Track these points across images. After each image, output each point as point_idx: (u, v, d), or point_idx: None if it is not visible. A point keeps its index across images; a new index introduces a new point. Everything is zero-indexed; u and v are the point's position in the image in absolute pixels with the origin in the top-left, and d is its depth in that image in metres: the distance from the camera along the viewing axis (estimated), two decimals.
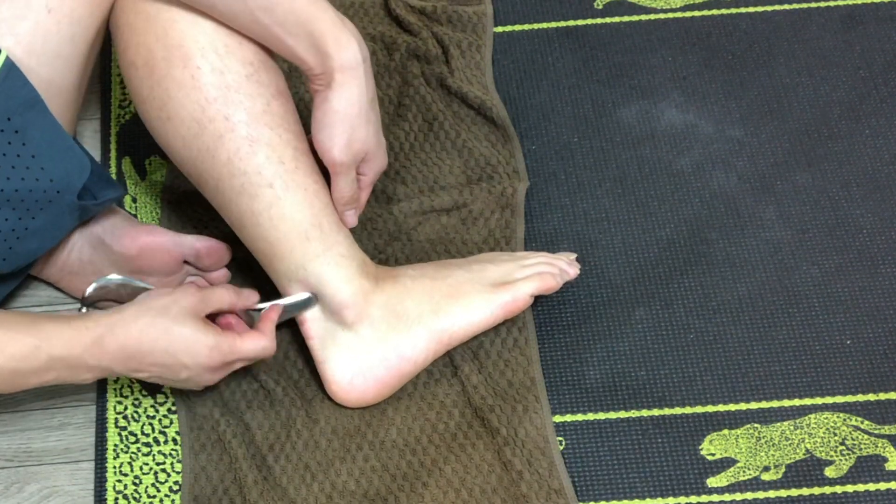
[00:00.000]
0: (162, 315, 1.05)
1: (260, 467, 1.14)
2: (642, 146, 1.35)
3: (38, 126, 1.05)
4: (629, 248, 1.28)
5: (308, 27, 1.04)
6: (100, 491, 1.15)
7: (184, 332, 1.05)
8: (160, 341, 1.05)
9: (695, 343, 1.22)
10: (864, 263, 1.26)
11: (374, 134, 1.10)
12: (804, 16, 1.45)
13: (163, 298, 1.06)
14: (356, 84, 1.06)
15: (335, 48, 1.04)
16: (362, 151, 1.09)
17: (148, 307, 1.05)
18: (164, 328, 1.05)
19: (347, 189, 1.11)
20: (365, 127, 1.08)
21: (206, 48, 1.07)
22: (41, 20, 1.05)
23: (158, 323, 1.05)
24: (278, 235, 1.11)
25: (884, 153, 1.34)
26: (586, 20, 1.45)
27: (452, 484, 1.13)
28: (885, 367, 1.20)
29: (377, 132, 1.10)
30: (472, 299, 1.16)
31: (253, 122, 1.08)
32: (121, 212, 1.22)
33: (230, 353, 1.08)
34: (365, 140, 1.09)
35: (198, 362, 1.07)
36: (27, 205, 1.05)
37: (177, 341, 1.05)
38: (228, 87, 1.07)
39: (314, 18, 1.04)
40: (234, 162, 1.08)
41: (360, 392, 1.15)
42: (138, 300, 1.07)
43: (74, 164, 1.07)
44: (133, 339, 1.04)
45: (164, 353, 1.05)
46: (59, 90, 1.08)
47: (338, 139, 1.07)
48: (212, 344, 1.07)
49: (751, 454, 1.15)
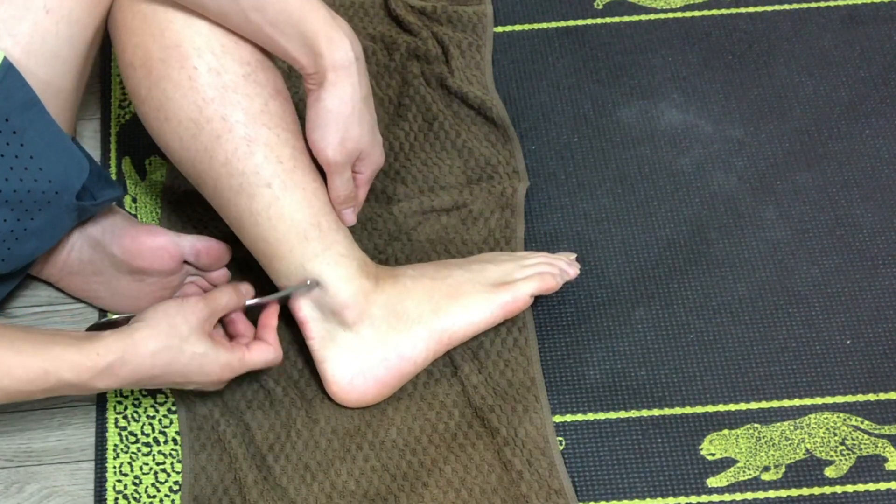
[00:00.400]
0: (172, 335, 1.04)
1: (260, 467, 1.14)
2: (642, 146, 1.35)
3: (37, 127, 1.05)
4: (629, 248, 1.28)
5: (300, 27, 1.04)
6: (100, 491, 1.15)
7: (196, 352, 1.05)
8: (173, 365, 1.05)
9: (695, 343, 1.22)
10: (864, 263, 1.26)
11: (368, 132, 1.09)
12: (804, 16, 1.45)
13: (173, 317, 1.05)
14: (349, 83, 1.06)
15: (327, 47, 1.04)
16: (357, 150, 1.09)
17: (158, 328, 1.04)
18: (177, 350, 1.04)
19: (343, 188, 1.11)
20: (359, 125, 1.08)
21: (202, 48, 1.07)
22: (39, 21, 1.05)
23: (171, 345, 1.04)
24: (277, 235, 1.11)
25: (884, 153, 1.34)
26: (586, 20, 1.45)
27: (452, 484, 1.13)
28: (885, 367, 1.20)
29: (372, 130, 1.10)
30: (472, 299, 1.16)
31: (251, 122, 1.08)
32: (120, 212, 1.22)
33: (240, 368, 1.09)
34: (359, 138, 1.09)
35: (209, 379, 1.08)
36: (25, 206, 1.05)
37: (191, 363, 1.05)
38: (226, 88, 1.07)
39: (306, 18, 1.04)
40: (233, 162, 1.08)
41: (360, 392, 1.15)
42: (147, 316, 1.05)
43: (73, 165, 1.07)
44: (145, 366, 1.03)
45: (177, 374, 1.06)
46: (58, 91, 1.08)
47: (331, 138, 1.07)
48: (223, 362, 1.07)
49: (751, 454, 1.15)
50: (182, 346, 1.05)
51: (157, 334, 1.04)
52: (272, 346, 1.12)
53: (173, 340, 1.04)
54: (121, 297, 1.22)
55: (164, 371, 1.04)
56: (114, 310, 1.24)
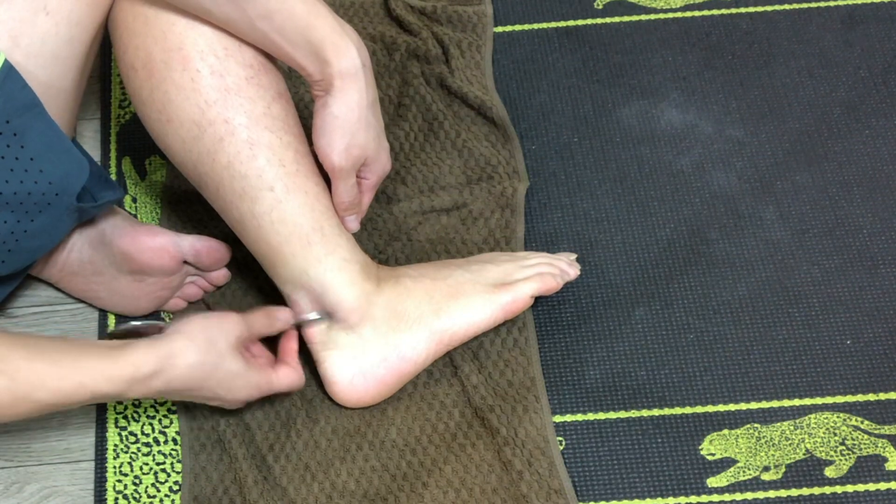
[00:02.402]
0: (209, 351, 1.04)
1: (260, 467, 1.14)
2: (642, 146, 1.35)
3: (37, 128, 1.04)
4: (629, 248, 1.28)
5: (307, 35, 1.04)
6: (100, 491, 1.15)
7: (231, 369, 1.05)
8: (208, 381, 1.05)
9: (695, 343, 1.22)
10: (864, 263, 1.26)
11: (374, 139, 1.09)
12: (804, 16, 1.45)
13: (211, 329, 1.05)
14: (355, 90, 1.06)
15: (334, 55, 1.04)
16: (362, 156, 1.09)
17: (196, 341, 1.03)
18: (213, 366, 1.04)
19: (347, 195, 1.11)
20: (365, 132, 1.08)
21: (205, 51, 1.07)
22: (40, 22, 1.05)
23: (208, 361, 1.04)
24: (279, 239, 1.10)
25: (884, 153, 1.34)
26: (586, 20, 1.45)
27: (452, 484, 1.13)
28: (885, 367, 1.20)
29: (378, 136, 1.10)
30: (472, 300, 1.16)
31: (253, 125, 1.08)
32: (121, 212, 1.22)
33: (267, 390, 1.10)
34: (364, 145, 1.08)
35: (235, 397, 1.08)
36: (26, 207, 1.05)
37: (223, 380, 1.05)
38: (228, 90, 1.07)
39: (313, 26, 1.04)
40: (235, 165, 1.08)
41: (361, 392, 1.15)
42: (185, 329, 1.04)
43: (73, 167, 1.07)
44: (181, 378, 1.03)
45: (207, 390, 1.06)
46: (58, 92, 1.08)
47: (337, 144, 1.07)
48: (253, 383, 1.08)
49: (751, 454, 1.15)
50: (218, 363, 1.04)
51: (196, 348, 1.03)
52: (296, 370, 1.13)
53: (210, 356, 1.04)
54: (121, 298, 1.22)
55: (197, 385, 1.04)
56: (114, 310, 1.24)
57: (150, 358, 1.01)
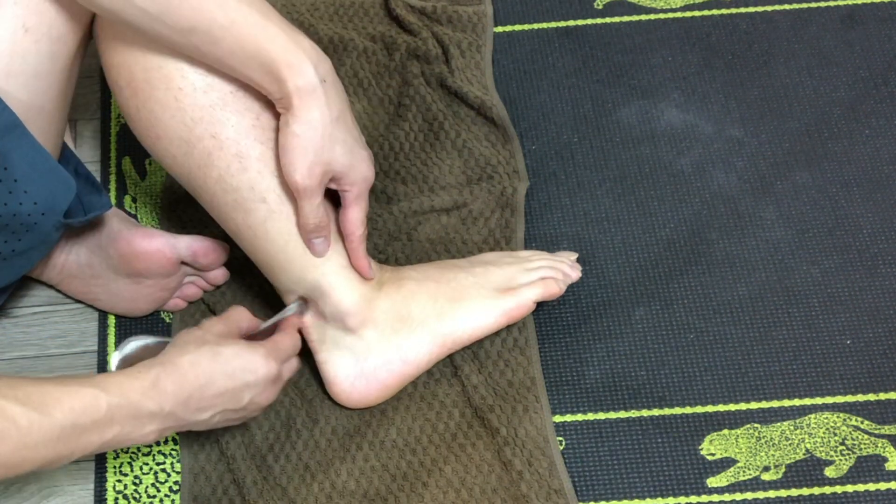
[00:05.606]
0: (201, 345, 1.01)
1: (259, 467, 1.14)
2: (642, 146, 1.35)
3: (20, 150, 1.02)
4: (629, 248, 1.28)
5: (259, 58, 1.01)
6: (100, 491, 1.15)
7: (232, 350, 1.02)
8: (215, 370, 1.00)
9: (695, 343, 1.22)
10: (864, 263, 1.26)
11: (344, 153, 1.05)
12: (804, 16, 1.45)
13: (193, 333, 1.03)
14: (315, 107, 1.02)
15: (289, 74, 1.01)
16: (328, 174, 1.05)
17: (184, 346, 1.01)
18: (211, 354, 1.00)
19: (312, 216, 1.07)
20: (330, 149, 1.04)
21: (186, 68, 1.04)
22: (18, 40, 1.02)
23: (203, 352, 1.00)
24: (276, 249, 1.10)
25: (884, 153, 1.34)
26: (586, 20, 1.45)
27: (452, 484, 1.13)
28: (885, 367, 1.20)
29: (350, 150, 1.06)
30: (476, 304, 1.16)
31: (242, 139, 1.06)
32: (117, 214, 1.21)
33: (280, 353, 1.06)
34: (329, 161, 1.04)
35: (258, 376, 1.03)
36: (12, 228, 1.03)
37: (231, 362, 1.01)
38: (213, 106, 1.05)
39: (263, 49, 1.00)
40: (226, 178, 1.07)
41: (362, 394, 1.15)
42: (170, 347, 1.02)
43: (59, 186, 1.04)
44: (189, 377, 0.99)
45: (224, 378, 1.01)
46: (40, 110, 1.06)
47: (299, 164, 1.04)
48: (262, 353, 1.03)
49: (751, 454, 1.15)
50: (215, 349, 1.01)
51: (186, 348, 1.00)
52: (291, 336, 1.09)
53: (203, 348, 1.00)
54: (119, 300, 1.22)
55: (209, 378, 1.00)
56: (113, 312, 1.24)
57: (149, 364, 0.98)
